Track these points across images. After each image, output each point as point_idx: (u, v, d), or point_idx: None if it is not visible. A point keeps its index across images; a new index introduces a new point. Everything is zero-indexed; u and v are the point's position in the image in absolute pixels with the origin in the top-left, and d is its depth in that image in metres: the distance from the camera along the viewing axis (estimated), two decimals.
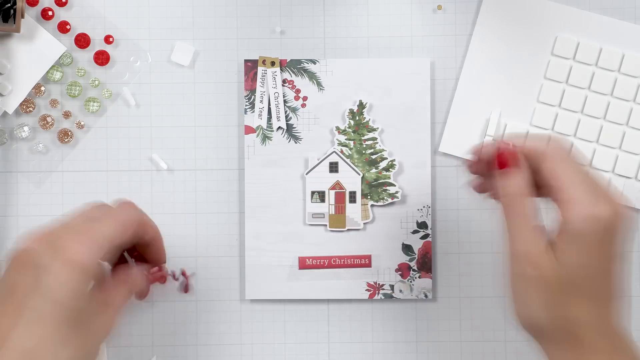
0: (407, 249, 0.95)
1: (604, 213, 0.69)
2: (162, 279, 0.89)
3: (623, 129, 0.95)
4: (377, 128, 0.94)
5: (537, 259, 0.71)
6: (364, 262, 0.95)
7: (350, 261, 0.95)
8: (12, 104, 0.94)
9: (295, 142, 0.95)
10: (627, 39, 0.95)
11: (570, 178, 0.71)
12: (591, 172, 0.73)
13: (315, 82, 0.95)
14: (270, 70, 0.94)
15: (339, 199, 0.94)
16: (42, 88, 0.95)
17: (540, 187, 0.74)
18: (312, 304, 0.96)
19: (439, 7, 0.97)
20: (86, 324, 0.72)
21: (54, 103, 0.96)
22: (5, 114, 0.95)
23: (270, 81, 0.95)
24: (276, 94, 0.94)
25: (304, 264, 0.95)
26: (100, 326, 0.74)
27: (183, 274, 0.95)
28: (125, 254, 0.84)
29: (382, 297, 0.94)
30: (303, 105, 0.95)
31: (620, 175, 0.95)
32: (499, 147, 0.75)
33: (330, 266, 0.94)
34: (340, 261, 0.94)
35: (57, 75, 0.95)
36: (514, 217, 0.73)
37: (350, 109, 0.95)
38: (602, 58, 0.95)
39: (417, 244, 0.95)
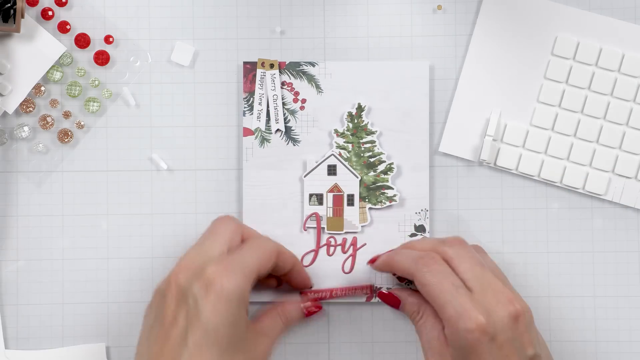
0: None
1: (470, 326, 0.78)
2: (318, 308, 0.92)
3: (623, 129, 0.95)
4: (376, 131, 0.94)
5: None
6: (365, 292, 0.94)
7: (352, 292, 0.94)
8: (12, 104, 0.95)
9: (294, 145, 0.95)
10: (627, 39, 0.95)
11: (437, 297, 0.80)
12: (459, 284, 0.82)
13: (314, 84, 0.95)
14: (269, 73, 0.94)
15: (337, 201, 0.94)
16: (42, 88, 0.95)
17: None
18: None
19: (439, 7, 0.97)
20: (244, 352, 0.78)
21: (54, 103, 0.96)
22: (5, 114, 0.95)
23: (269, 83, 0.94)
24: (275, 97, 0.94)
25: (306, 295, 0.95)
26: (257, 354, 0.80)
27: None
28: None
29: (380, 300, 0.94)
30: (302, 108, 0.95)
31: (620, 175, 0.95)
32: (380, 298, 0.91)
33: (331, 298, 0.94)
34: (342, 292, 0.94)
35: (57, 75, 0.95)
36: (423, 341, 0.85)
37: (349, 112, 0.95)
38: (602, 58, 0.95)
39: None
